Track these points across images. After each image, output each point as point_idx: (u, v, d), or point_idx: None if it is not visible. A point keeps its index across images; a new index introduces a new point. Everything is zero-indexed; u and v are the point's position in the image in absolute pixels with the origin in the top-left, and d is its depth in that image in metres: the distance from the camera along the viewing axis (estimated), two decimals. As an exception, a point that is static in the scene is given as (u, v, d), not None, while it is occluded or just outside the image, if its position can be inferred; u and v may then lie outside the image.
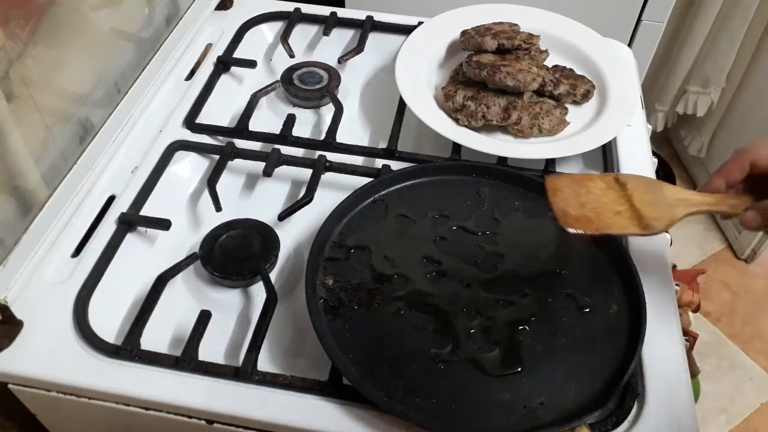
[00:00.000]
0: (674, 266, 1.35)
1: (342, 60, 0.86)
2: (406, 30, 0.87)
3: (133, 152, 0.73)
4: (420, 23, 0.87)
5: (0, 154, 0.58)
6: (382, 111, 0.81)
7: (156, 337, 0.58)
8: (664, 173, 1.76)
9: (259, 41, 0.90)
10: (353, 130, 0.80)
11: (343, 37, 0.91)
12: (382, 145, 0.74)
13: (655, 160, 0.77)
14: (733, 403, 1.38)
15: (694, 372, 1.26)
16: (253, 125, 0.76)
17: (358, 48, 0.86)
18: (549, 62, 0.81)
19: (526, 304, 0.59)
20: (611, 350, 0.56)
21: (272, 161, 0.70)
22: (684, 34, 1.57)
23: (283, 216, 0.67)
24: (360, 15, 0.90)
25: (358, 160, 0.74)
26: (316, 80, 0.83)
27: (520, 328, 0.57)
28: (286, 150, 0.73)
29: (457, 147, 0.72)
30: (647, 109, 1.34)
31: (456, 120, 0.74)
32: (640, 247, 0.65)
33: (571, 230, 0.55)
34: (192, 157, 0.74)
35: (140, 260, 0.65)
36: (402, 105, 0.77)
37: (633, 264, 0.60)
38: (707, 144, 1.72)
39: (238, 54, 0.85)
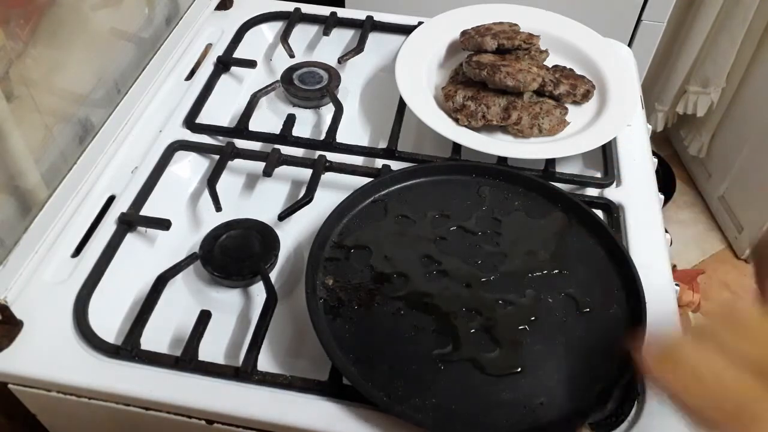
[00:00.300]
0: (674, 266, 1.35)
1: (342, 60, 0.86)
2: (406, 30, 0.86)
3: (133, 152, 0.73)
4: (420, 23, 0.87)
5: (0, 154, 0.58)
6: (382, 111, 0.81)
7: (156, 337, 0.58)
8: (664, 173, 1.76)
9: (259, 41, 0.90)
10: (353, 130, 0.80)
11: (343, 37, 0.91)
12: (382, 145, 0.74)
13: (655, 160, 0.77)
14: (733, 403, 1.38)
15: (694, 372, 1.26)
16: (253, 125, 0.76)
17: (358, 48, 0.86)
18: (549, 62, 0.81)
19: (526, 304, 0.59)
20: (611, 350, 0.56)
21: (272, 161, 0.70)
22: (684, 34, 1.57)
23: (283, 216, 0.67)
24: (360, 15, 0.90)
25: (358, 160, 0.74)
26: (316, 80, 0.83)
27: (520, 328, 0.57)
28: (286, 150, 0.73)
29: (457, 147, 0.72)
30: (647, 109, 1.34)
31: (456, 120, 0.74)
32: (640, 247, 0.65)
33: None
34: (192, 157, 0.74)
35: (140, 260, 0.65)
36: (402, 105, 0.77)
37: (633, 264, 0.60)
38: (707, 144, 1.72)
39: (238, 54, 0.85)
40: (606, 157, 0.73)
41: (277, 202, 0.72)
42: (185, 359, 0.55)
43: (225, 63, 0.83)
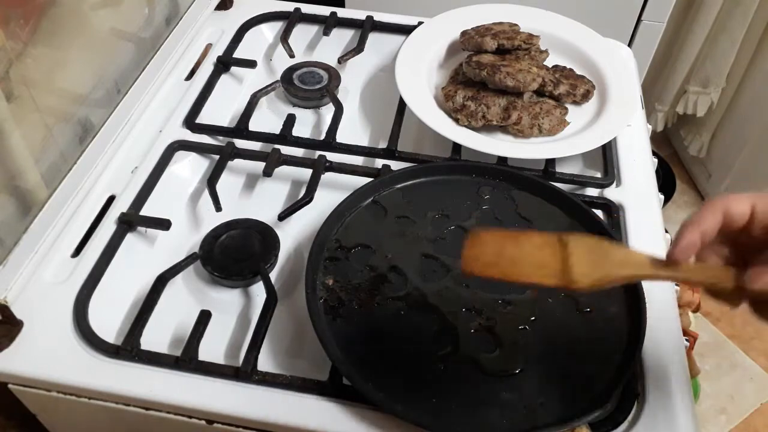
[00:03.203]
0: (674, 266, 1.35)
1: (342, 60, 0.86)
2: (406, 30, 0.87)
3: (133, 152, 0.73)
4: (420, 23, 0.87)
5: (0, 154, 0.58)
6: (382, 111, 0.81)
7: (156, 337, 0.58)
8: (664, 173, 1.76)
9: (259, 41, 0.90)
10: (353, 130, 0.80)
11: (343, 37, 0.91)
12: (382, 145, 0.74)
13: (655, 160, 0.77)
14: (733, 403, 1.39)
15: (694, 372, 1.26)
16: (253, 125, 0.76)
17: (358, 48, 0.86)
18: (549, 62, 0.81)
19: (526, 303, 0.59)
20: (611, 350, 0.56)
21: (272, 161, 0.70)
22: (684, 34, 1.57)
23: (283, 216, 0.67)
24: (360, 15, 0.90)
25: (358, 160, 0.74)
26: (316, 80, 0.83)
27: (520, 328, 0.57)
28: (286, 150, 0.73)
29: (457, 147, 0.72)
30: (647, 109, 1.34)
31: (456, 120, 0.74)
32: (640, 247, 0.65)
33: (468, 272, 0.47)
34: (192, 157, 0.74)
35: (140, 260, 0.65)
36: (402, 105, 0.77)
37: (633, 264, 0.60)
38: (707, 144, 1.72)
39: (238, 54, 0.85)
40: (606, 157, 0.73)
41: (277, 202, 0.72)
42: (185, 359, 0.55)
43: (225, 63, 0.83)
